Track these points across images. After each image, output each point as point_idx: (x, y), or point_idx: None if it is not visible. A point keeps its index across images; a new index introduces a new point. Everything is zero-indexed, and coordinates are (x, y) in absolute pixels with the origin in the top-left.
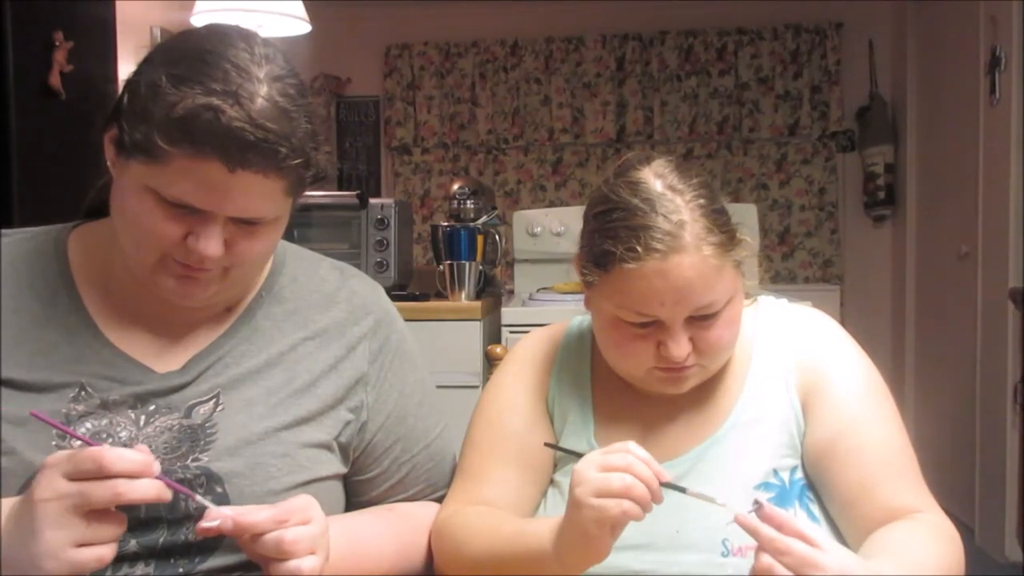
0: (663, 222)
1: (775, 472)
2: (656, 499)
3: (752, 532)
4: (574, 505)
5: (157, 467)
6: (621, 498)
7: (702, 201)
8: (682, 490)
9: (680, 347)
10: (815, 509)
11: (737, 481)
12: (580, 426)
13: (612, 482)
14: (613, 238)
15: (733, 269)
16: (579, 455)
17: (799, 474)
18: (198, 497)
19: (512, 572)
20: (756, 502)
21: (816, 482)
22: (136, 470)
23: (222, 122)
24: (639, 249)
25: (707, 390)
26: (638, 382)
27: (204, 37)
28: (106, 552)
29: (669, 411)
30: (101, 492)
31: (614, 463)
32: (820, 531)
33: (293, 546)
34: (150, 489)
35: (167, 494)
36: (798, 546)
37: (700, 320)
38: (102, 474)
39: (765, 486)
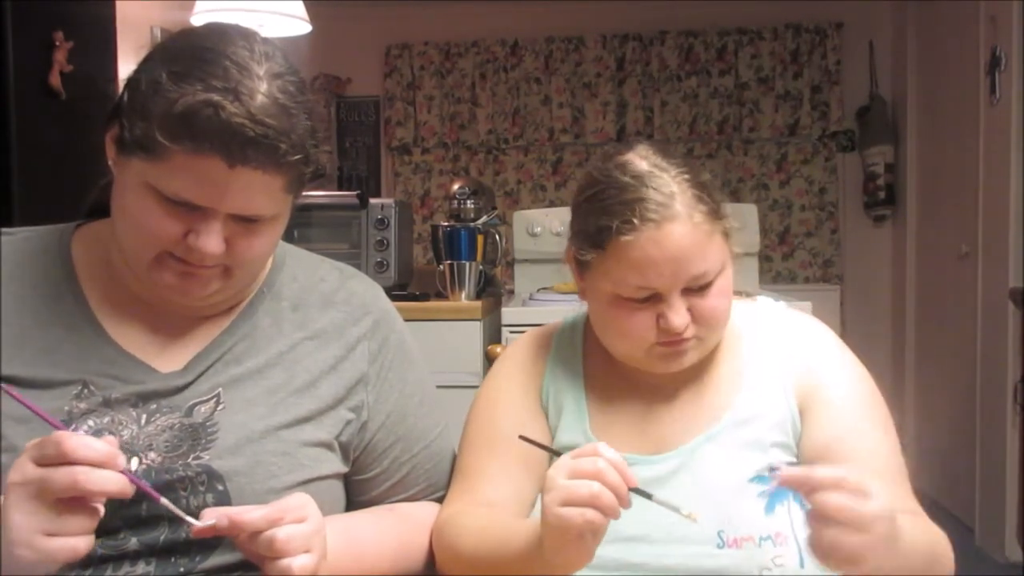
0: (654, 194)
1: (770, 468)
2: (623, 504)
3: (802, 479)
4: (542, 512)
5: (122, 461)
6: (586, 507)
7: (687, 176)
8: (648, 496)
9: (679, 316)
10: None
11: (732, 474)
12: (575, 418)
13: (579, 490)
14: (608, 214)
15: (722, 238)
16: (556, 453)
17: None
18: (163, 500)
19: (507, 574)
20: (771, 467)
21: None
22: (97, 459)
23: (222, 118)
24: (635, 220)
25: (702, 381)
26: (639, 363)
27: (204, 35)
28: (80, 544)
29: (664, 401)
30: (60, 478)
31: (583, 468)
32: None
33: (286, 545)
34: (111, 481)
35: (130, 490)
36: (850, 476)
37: (696, 292)
38: (62, 460)
39: (759, 479)
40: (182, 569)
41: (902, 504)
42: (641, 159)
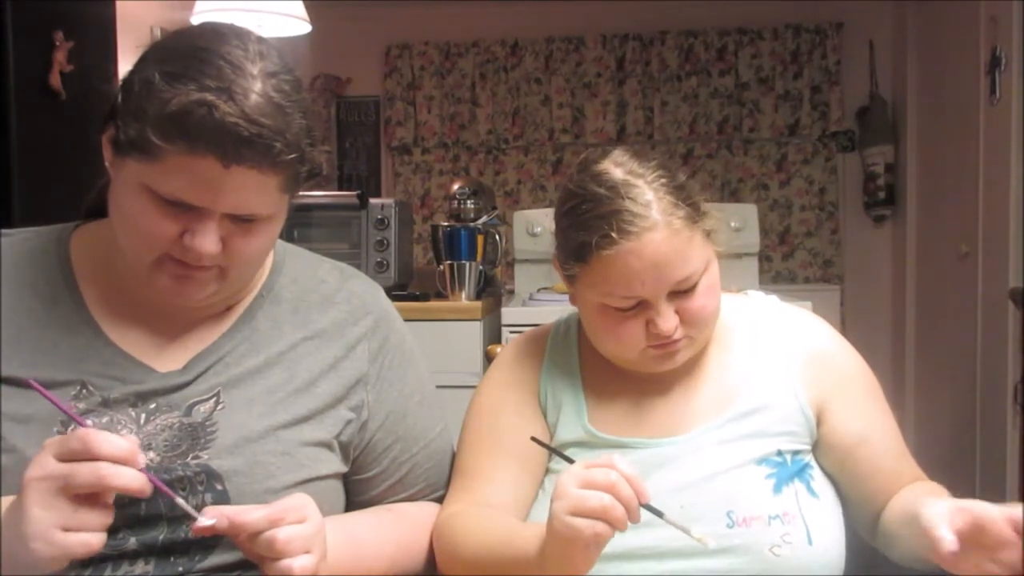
0: (631, 205)
1: (779, 452)
2: (633, 519)
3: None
4: (550, 519)
5: (143, 459)
6: (596, 519)
7: (663, 180)
8: (660, 514)
9: (667, 321)
10: (815, 485)
11: (738, 457)
12: (574, 414)
13: (590, 501)
14: (586, 228)
15: (703, 238)
16: (569, 460)
17: (800, 455)
18: (179, 500)
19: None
20: (778, 451)
21: (837, 469)
22: (121, 456)
23: (216, 118)
24: (613, 234)
25: (698, 370)
26: (633, 364)
27: (198, 34)
28: (94, 539)
29: (662, 393)
30: (85, 473)
31: (596, 480)
32: None
33: (287, 545)
34: (134, 479)
35: (149, 488)
36: None
37: (682, 294)
38: (88, 455)
39: (766, 462)
40: (181, 569)
41: (916, 473)
42: (616, 167)
